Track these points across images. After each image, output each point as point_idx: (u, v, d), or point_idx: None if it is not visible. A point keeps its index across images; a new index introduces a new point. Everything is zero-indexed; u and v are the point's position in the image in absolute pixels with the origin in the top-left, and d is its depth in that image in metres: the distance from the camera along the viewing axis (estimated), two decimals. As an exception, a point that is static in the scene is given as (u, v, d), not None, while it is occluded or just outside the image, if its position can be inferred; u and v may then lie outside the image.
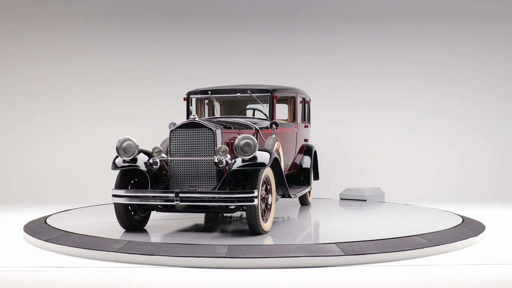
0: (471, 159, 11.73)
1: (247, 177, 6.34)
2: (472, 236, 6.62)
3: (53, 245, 6.18)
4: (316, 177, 9.49)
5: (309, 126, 9.45)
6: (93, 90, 11.61)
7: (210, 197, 6.09)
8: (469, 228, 6.99)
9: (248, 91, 7.94)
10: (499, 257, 5.95)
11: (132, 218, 6.70)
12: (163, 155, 6.52)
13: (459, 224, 7.14)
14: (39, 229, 6.90)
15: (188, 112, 8.32)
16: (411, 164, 11.69)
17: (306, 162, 8.91)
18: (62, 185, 11.31)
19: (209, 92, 8.21)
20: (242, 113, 8.73)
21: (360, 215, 8.44)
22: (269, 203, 6.62)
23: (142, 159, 6.50)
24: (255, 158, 6.20)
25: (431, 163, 11.72)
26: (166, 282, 4.98)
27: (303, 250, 5.59)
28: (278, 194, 7.13)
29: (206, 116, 8.53)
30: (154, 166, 6.45)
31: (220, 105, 8.72)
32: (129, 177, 6.66)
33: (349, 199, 10.13)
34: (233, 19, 11.78)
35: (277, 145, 7.23)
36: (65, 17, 11.64)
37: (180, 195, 6.14)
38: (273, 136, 7.31)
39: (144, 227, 6.90)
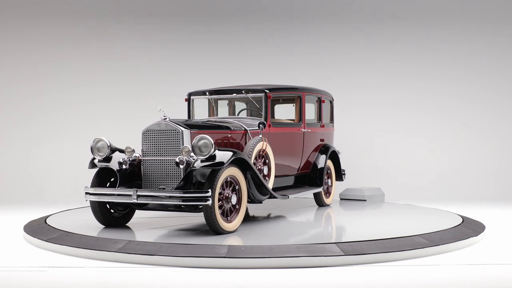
0: (471, 159, 11.72)
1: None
2: (472, 236, 6.62)
3: (53, 245, 6.18)
4: (339, 178, 9.38)
5: (326, 125, 9.22)
6: (93, 90, 11.61)
7: (167, 196, 6.20)
8: (469, 228, 6.99)
9: (243, 91, 7.95)
10: (499, 257, 5.95)
11: (109, 215, 6.93)
12: (136, 154, 6.76)
13: (459, 224, 7.14)
14: (39, 229, 6.90)
15: (189, 113, 8.46)
16: (411, 164, 11.68)
17: (321, 162, 8.83)
18: (62, 185, 11.30)
19: (207, 93, 8.29)
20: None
21: (360, 215, 8.44)
22: (234, 203, 6.59)
23: (118, 158, 6.80)
24: (212, 157, 6.24)
25: (431, 163, 11.72)
26: (166, 282, 4.99)
27: (303, 250, 5.59)
28: (263, 195, 7.15)
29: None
30: (123, 166, 6.72)
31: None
32: (106, 175, 6.93)
33: (349, 199, 10.12)
34: (235, 20, 11.80)
35: (261, 145, 7.22)
36: (65, 17, 11.64)
37: (138, 193, 6.29)
38: (260, 136, 7.31)
39: (127, 224, 7.14)
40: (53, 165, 11.44)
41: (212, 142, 6.20)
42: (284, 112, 9.00)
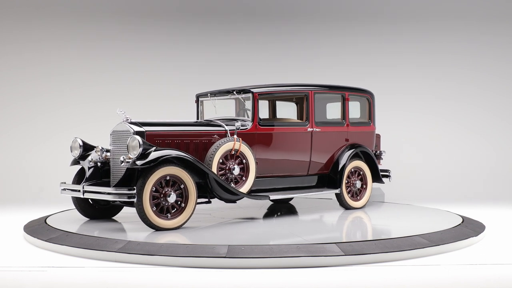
0: (471, 159, 11.72)
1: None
2: (472, 236, 6.62)
3: (53, 245, 6.19)
4: (377, 179, 9.08)
5: (356, 125, 8.93)
6: (94, 90, 11.60)
7: (106, 192, 6.60)
8: (469, 228, 7.00)
9: (234, 92, 8.01)
10: (499, 257, 5.95)
11: (90, 209, 7.49)
12: (107, 154, 7.27)
13: (459, 224, 7.15)
14: (39, 229, 6.91)
15: (198, 114, 8.70)
16: (411, 164, 11.67)
17: (341, 163, 8.59)
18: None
19: (209, 94, 8.46)
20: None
21: (360, 215, 8.44)
22: (173, 201, 6.66)
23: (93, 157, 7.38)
24: (145, 156, 6.49)
25: (431, 163, 11.71)
26: (166, 282, 4.99)
27: (303, 250, 5.60)
28: (233, 195, 7.21)
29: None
30: (91, 163, 7.25)
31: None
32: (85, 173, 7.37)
33: (349, 199, 10.11)
34: (239, 20, 11.82)
35: (231, 145, 7.27)
36: (66, 18, 11.64)
37: (84, 189, 6.84)
38: (234, 136, 7.40)
39: (114, 217, 7.62)
40: (53, 165, 11.43)
41: (141, 143, 6.49)
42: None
